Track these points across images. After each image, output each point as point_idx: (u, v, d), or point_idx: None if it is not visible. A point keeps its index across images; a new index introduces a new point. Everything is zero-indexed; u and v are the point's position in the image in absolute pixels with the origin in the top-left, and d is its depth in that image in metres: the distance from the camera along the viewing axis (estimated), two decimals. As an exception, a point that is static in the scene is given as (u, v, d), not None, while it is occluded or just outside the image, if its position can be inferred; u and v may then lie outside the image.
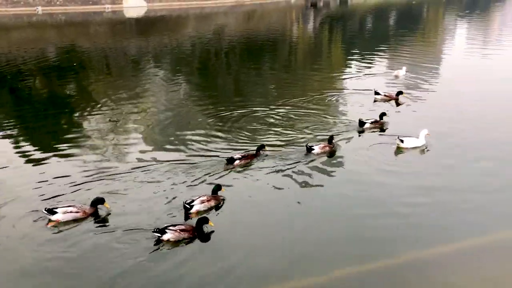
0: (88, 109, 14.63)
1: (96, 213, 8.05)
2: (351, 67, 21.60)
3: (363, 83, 17.78)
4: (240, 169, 9.87)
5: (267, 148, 10.58)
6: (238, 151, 10.71)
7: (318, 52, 27.92)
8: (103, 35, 34.17)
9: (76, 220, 7.82)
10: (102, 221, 7.92)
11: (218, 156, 10.56)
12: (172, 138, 12.01)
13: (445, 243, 7.32)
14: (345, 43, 31.33)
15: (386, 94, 15.14)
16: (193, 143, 11.53)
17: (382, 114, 12.67)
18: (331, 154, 10.64)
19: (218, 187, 8.40)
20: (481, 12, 52.62)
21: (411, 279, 6.63)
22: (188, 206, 7.85)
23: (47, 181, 9.34)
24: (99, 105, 14.97)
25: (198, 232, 7.17)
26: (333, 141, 10.89)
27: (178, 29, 37.94)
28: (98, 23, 41.03)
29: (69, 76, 20.05)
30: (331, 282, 6.56)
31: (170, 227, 7.06)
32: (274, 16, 51.65)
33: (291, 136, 11.94)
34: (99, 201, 8.08)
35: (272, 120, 13.37)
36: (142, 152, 11.02)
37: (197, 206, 7.89)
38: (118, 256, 6.90)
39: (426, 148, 10.92)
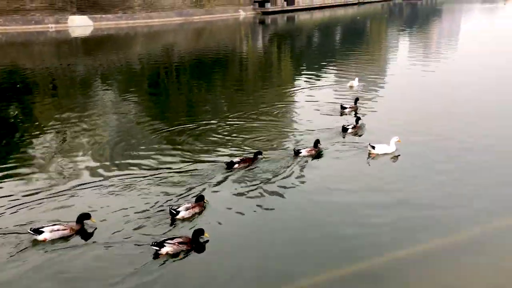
0: (34, 130, 14.01)
1: (83, 229, 7.97)
2: (302, 80, 22.03)
3: (318, 94, 18.40)
4: (211, 179, 10.04)
5: (263, 155, 11.08)
6: (193, 164, 10.81)
7: (269, 67, 28.28)
8: (48, 55, 33.04)
9: (63, 238, 7.71)
10: (90, 236, 7.83)
11: (170, 168, 10.68)
12: (125, 155, 11.72)
13: (411, 245, 7.57)
14: (295, 57, 31.98)
15: (351, 106, 15.66)
16: (145, 158, 11.38)
17: (357, 120, 13.43)
18: (317, 157, 11.23)
19: (201, 197, 8.70)
20: (420, 26, 55.40)
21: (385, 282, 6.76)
22: (175, 212, 8.18)
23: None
24: (44, 127, 14.34)
25: (195, 243, 7.31)
26: (318, 145, 11.39)
27: (126, 48, 37.36)
28: (42, 43, 39.68)
29: (12, 97, 19.15)
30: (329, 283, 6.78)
31: (168, 241, 7.16)
32: (224, 33, 51.99)
33: (245, 147, 12.00)
34: (85, 216, 8.00)
35: (225, 133, 13.42)
36: (95, 168, 10.72)
37: (182, 213, 8.22)
38: (116, 271, 6.85)
39: (396, 154, 11.33)
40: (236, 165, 10.50)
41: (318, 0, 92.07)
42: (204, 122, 14.56)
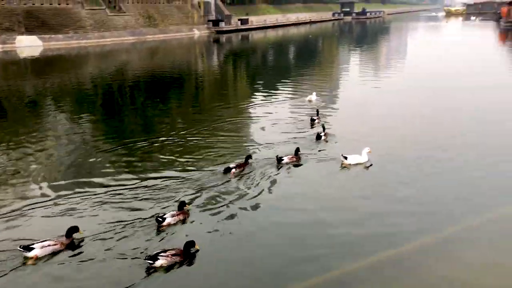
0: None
1: (73, 243, 7.86)
2: (260, 96, 22.28)
3: (278, 109, 18.85)
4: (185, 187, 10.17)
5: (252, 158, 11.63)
6: (152, 179, 10.78)
7: (225, 84, 28.38)
8: (-6, 76, 31.75)
9: (55, 253, 7.58)
10: (80, 251, 7.76)
11: (124, 185, 10.55)
12: (78, 174, 11.38)
13: (383, 250, 7.73)
14: (251, 75, 32.29)
15: (318, 117, 16.15)
16: (99, 176, 11.17)
17: (323, 127, 14.12)
18: (297, 164, 11.68)
19: (182, 203, 8.91)
20: (370, 43, 57.46)
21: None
22: (161, 219, 8.37)
23: None
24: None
25: (187, 254, 7.35)
26: (299, 152, 11.93)
27: (78, 68, 36.48)
28: (-12, 65, 38.15)
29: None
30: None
31: (162, 253, 7.19)
32: (178, 51, 51.87)
33: (206, 161, 11.95)
34: (73, 229, 7.89)
35: (183, 148, 13.40)
36: (45, 188, 10.34)
37: (168, 219, 8.43)
38: (114, 286, 6.82)
39: (368, 164, 11.67)
40: (233, 170, 10.94)
41: (271, 19, 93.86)
42: (162, 139, 14.40)
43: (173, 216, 8.56)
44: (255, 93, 23.48)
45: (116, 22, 58.83)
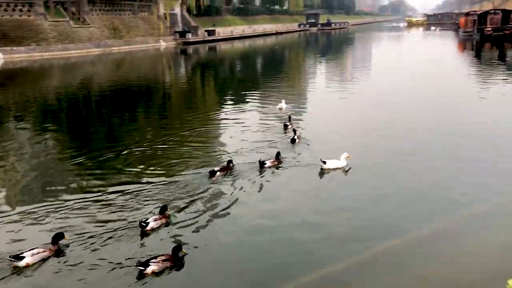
0: None
1: (60, 249, 7.89)
2: (230, 105, 22.32)
3: (250, 117, 18.96)
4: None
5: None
6: (120, 186, 10.75)
7: (193, 95, 28.24)
8: (-48, 90, 30.58)
9: (44, 260, 7.61)
10: (67, 258, 7.74)
11: (89, 196, 10.31)
12: (46, 187, 11.07)
13: (359, 252, 7.84)
14: (220, 85, 32.29)
15: (291, 123, 16.40)
16: (64, 188, 10.95)
17: (294, 131, 14.66)
18: (278, 168, 11.89)
19: (163, 208, 8.99)
20: (336, 53, 58.53)
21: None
22: (144, 224, 8.47)
23: None
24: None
25: (176, 259, 7.48)
26: (280, 156, 12.21)
27: (42, 81, 35.61)
28: None
29: None
30: None
31: (152, 260, 7.24)
32: (145, 63, 51.39)
33: (177, 168, 11.82)
34: (59, 236, 7.93)
35: (152, 157, 13.24)
36: (8, 202, 9.92)
37: (151, 224, 8.53)
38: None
39: (347, 168, 11.82)
40: (218, 173, 11.21)
41: (238, 31, 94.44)
42: (129, 149, 14.15)
43: (155, 220, 8.68)
44: (224, 103, 23.49)
45: (81, 34, 57.89)
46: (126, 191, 10.51)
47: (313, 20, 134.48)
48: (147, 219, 8.65)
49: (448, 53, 50.33)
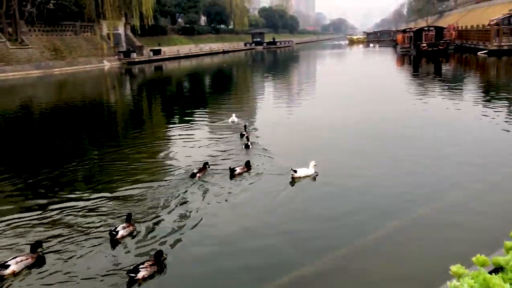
0: None
1: (41, 257, 8.00)
2: (178, 123, 22.10)
3: (199, 131, 19.06)
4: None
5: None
6: (67, 202, 10.35)
7: (140, 114, 27.69)
8: None
9: (28, 267, 7.72)
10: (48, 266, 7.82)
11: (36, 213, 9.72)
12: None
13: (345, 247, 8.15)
14: (167, 103, 31.87)
15: (246, 132, 16.81)
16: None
17: (247, 138, 15.63)
18: (247, 175, 12.19)
19: (129, 216, 9.18)
20: (282, 70, 59.65)
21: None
22: (114, 233, 8.61)
23: None
24: None
25: (159, 264, 7.65)
26: (249, 164, 12.62)
27: (-23, 104, 33.73)
28: None
29: None
30: None
31: (141, 266, 7.39)
32: (89, 84, 50.00)
33: (126, 184, 11.48)
34: (38, 244, 8.08)
35: (98, 174, 12.81)
36: None
37: (121, 232, 8.68)
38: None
39: (316, 175, 12.11)
40: (198, 174, 11.87)
41: (184, 50, 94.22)
42: (75, 167, 13.65)
43: (124, 228, 8.85)
44: (175, 120, 23.36)
45: (19, 55, 55.62)
46: (76, 207, 10.44)
47: (258, 39, 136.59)
48: (116, 227, 8.74)
49: (388, 68, 52.62)
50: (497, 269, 2.40)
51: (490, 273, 2.30)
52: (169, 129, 20.17)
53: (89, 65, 66.09)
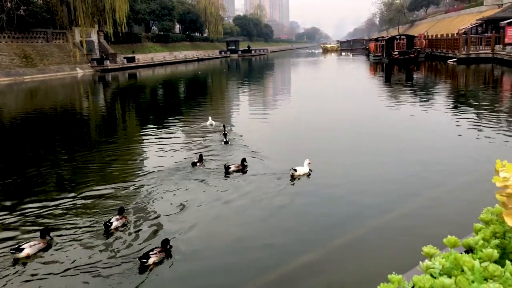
0: None
1: (49, 243, 8.46)
2: (154, 127, 21.99)
3: (177, 134, 19.50)
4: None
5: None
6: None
7: (114, 120, 27.34)
8: None
9: (41, 250, 8.19)
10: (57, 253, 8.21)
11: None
12: None
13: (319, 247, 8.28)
14: (142, 110, 31.56)
15: (225, 130, 17.54)
16: None
17: (225, 135, 16.68)
18: (243, 173, 12.55)
19: (121, 209, 9.56)
20: (257, 78, 59.89)
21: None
22: (109, 224, 9.02)
23: None
24: None
25: (166, 251, 7.98)
26: (245, 162, 12.84)
27: None
28: None
29: None
30: None
31: (151, 252, 7.74)
32: (61, 92, 49.10)
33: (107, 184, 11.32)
34: (46, 230, 8.52)
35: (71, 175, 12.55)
36: None
37: (115, 223, 9.11)
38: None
39: (310, 173, 12.41)
40: (198, 164, 12.80)
41: (158, 57, 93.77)
42: (48, 171, 13.41)
43: (117, 219, 9.26)
44: (151, 125, 23.36)
45: (-12, 63, 54.29)
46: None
47: (233, 47, 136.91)
48: (110, 219, 9.17)
49: (361, 76, 53.44)
50: (468, 251, 2.47)
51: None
52: (145, 134, 19.95)
53: (62, 72, 65.00)
